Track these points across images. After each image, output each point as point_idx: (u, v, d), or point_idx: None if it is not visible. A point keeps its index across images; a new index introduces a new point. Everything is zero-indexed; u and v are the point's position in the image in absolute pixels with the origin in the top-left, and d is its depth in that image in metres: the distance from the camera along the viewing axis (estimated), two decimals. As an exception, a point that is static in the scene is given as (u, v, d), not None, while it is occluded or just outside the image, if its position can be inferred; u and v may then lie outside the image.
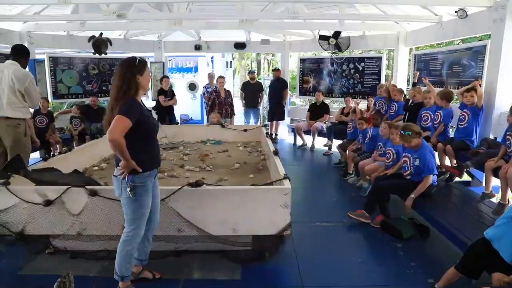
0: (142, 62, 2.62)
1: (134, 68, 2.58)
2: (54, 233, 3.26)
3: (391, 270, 3.27)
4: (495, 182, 4.03)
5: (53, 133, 6.98)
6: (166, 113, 8.15)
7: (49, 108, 7.29)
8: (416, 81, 6.64)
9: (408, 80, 7.76)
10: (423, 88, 5.96)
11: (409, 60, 7.85)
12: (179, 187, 3.16)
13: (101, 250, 3.36)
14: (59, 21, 7.33)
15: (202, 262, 3.33)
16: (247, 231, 3.23)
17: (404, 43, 7.65)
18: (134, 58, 2.61)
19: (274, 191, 3.23)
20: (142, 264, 3.01)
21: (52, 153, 6.54)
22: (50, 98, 7.99)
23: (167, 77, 8.34)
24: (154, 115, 9.53)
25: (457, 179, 4.66)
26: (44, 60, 7.83)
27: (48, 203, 3.13)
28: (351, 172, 6.07)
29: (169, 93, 8.12)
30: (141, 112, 2.57)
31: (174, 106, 8.41)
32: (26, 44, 7.40)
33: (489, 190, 4.02)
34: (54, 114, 7.78)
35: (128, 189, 2.58)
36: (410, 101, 5.88)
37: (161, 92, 8.01)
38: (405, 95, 6.34)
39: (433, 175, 3.93)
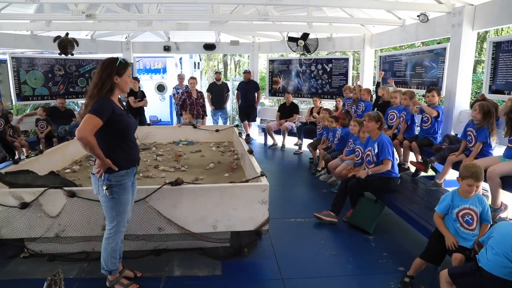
0: (123, 64, 2.64)
1: (113, 68, 2.61)
2: (31, 236, 3.21)
3: (364, 260, 3.45)
4: (451, 175, 4.36)
5: (18, 136, 6.74)
6: (136, 114, 8.04)
7: (2, 109, 6.81)
8: (380, 80, 6.97)
9: (374, 81, 8.10)
10: (390, 88, 6.27)
11: (375, 61, 8.19)
12: (159, 186, 3.20)
13: (79, 252, 3.34)
14: (22, 20, 7.07)
15: (182, 259, 3.37)
16: (227, 227, 3.32)
17: (369, 45, 7.99)
18: (116, 58, 2.64)
19: (252, 188, 3.34)
20: (119, 262, 3.01)
21: (17, 156, 6.31)
22: (14, 100, 7.70)
23: (136, 78, 8.25)
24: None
25: (422, 173, 4.94)
26: (6, 60, 7.52)
27: (24, 205, 3.08)
28: (320, 169, 6.27)
29: (139, 94, 8.03)
30: (112, 111, 2.56)
31: (144, 108, 8.33)
32: (-14, 44, 7.13)
33: (441, 180, 4.38)
34: (19, 117, 7.52)
35: (104, 188, 2.61)
36: (379, 99, 6.16)
37: (131, 93, 7.91)
38: (371, 95, 6.62)
39: (391, 161, 4.19)
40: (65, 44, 7.54)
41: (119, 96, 2.80)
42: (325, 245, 3.76)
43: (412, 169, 5.09)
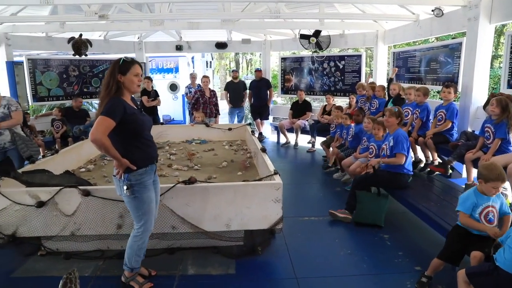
0: (126, 63, 2.62)
1: (115, 67, 2.60)
2: (47, 235, 3.25)
3: (380, 259, 3.40)
4: (475, 173, 4.24)
5: (35, 136, 6.85)
6: (149, 114, 8.09)
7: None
8: (393, 77, 6.86)
9: (387, 76, 7.99)
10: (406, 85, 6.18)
11: (388, 57, 8.09)
12: (173, 184, 3.21)
13: (95, 250, 3.37)
14: (37, 22, 7.19)
15: (196, 258, 3.37)
16: (240, 226, 3.31)
17: (382, 41, 7.88)
18: (120, 58, 2.64)
19: (266, 186, 3.32)
20: None
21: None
22: (30, 101, 7.84)
23: (149, 78, 8.30)
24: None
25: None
26: (22, 62, 7.66)
27: (40, 204, 3.12)
28: (330, 165, 6.22)
29: (152, 94, 8.09)
30: (124, 111, 2.56)
31: (158, 107, 8.39)
32: (3, 46, 7.27)
33: (471, 180, 4.22)
34: (34, 116, 7.65)
35: (125, 188, 2.61)
36: (391, 96, 6.07)
37: (144, 92, 7.98)
38: (385, 92, 6.53)
39: (405, 156, 4.11)
40: (79, 45, 7.64)
41: (133, 95, 2.81)
42: (340, 244, 3.72)
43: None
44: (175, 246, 3.44)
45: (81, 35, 7.61)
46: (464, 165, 4.46)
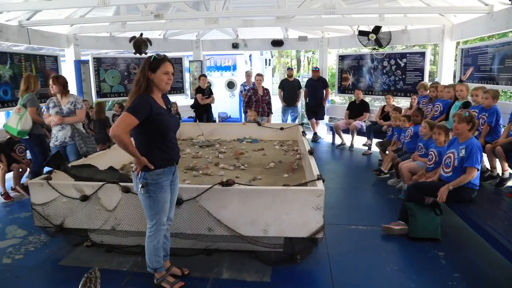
0: (157, 60, 2.58)
1: (147, 65, 2.58)
2: (90, 227, 3.36)
3: (431, 280, 3.05)
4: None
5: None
6: (203, 111, 8.26)
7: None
8: (465, 78, 6.23)
9: (454, 77, 7.33)
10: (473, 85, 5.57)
11: (456, 55, 7.40)
12: (210, 186, 3.14)
13: (135, 245, 3.43)
14: (102, 23, 7.59)
15: (232, 262, 3.29)
16: (278, 232, 3.16)
17: (449, 37, 7.21)
18: (151, 55, 2.61)
19: (306, 192, 3.13)
20: (164, 260, 2.99)
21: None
22: (94, 97, 8.33)
23: (205, 76, 8.42)
24: (192, 113, 9.72)
25: (509, 183, 4.30)
26: (88, 61, 8.16)
27: (84, 198, 3.23)
28: (386, 171, 5.83)
29: (206, 92, 8.20)
30: (150, 110, 2.53)
31: (212, 104, 8.49)
32: (72, 46, 7.78)
33: None
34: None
35: (140, 186, 2.60)
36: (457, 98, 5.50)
37: (198, 90, 8.11)
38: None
39: (477, 170, 3.64)
40: (139, 44, 7.94)
41: (166, 94, 2.79)
42: (387, 258, 3.41)
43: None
44: (212, 248, 3.39)
45: (141, 34, 7.91)
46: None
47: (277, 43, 9.79)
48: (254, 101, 7.74)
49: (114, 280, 3.04)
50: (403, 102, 10.80)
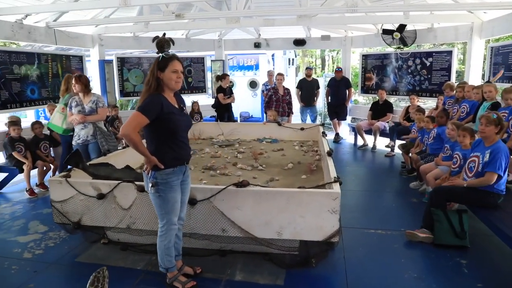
0: (165, 59, 2.58)
1: (156, 64, 2.59)
2: (106, 225, 3.41)
3: (452, 289, 2.93)
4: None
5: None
6: (225, 111, 8.28)
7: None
8: (493, 80, 5.94)
9: (483, 75, 7.02)
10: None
11: (485, 53, 7.09)
12: (224, 186, 3.12)
13: (151, 244, 3.44)
14: (126, 23, 7.71)
15: (246, 264, 3.26)
16: (292, 235, 3.10)
17: (478, 35, 6.90)
18: (160, 55, 2.61)
19: (322, 195, 3.05)
20: (176, 260, 2.99)
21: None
22: (117, 96, 8.49)
23: (227, 75, 8.43)
24: (214, 113, 9.76)
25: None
26: (112, 60, 8.33)
27: (101, 196, 3.27)
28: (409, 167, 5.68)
29: (227, 91, 8.21)
30: (161, 109, 2.52)
31: (233, 104, 8.49)
32: (96, 46, 7.95)
33: None
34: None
35: (150, 185, 2.60)
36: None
37: (220, 90, 8.13)
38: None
39: (498, 176, 3.45)
40: (162, 43, 8.00)
41: (180, 93, 2.78)
42: (406, 265, 3.29)
43: None
44: (227, 249, 3.36)
45: (164, 34, 7.97)
46: None
47: (299, 42, 9.69)
48: (275, 100, 7.68)
49: (128, 278, 3.07)
50: (429, 103, 10.49)
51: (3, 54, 5.82)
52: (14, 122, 5.50)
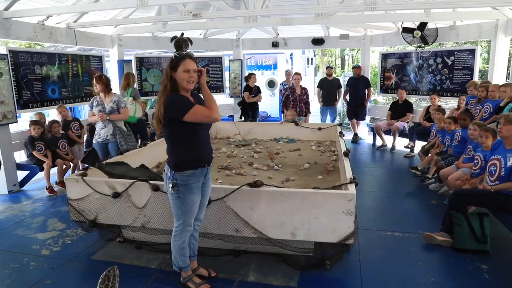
0: (177, 58, 2.56)
1: (169, 64, 2.58)
2: (121, 224, 3.44)
3: (471, 295, 2.83)
4: None
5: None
6: (249, 109, 8.33)
7: None
8: None
9: (508, 75, 6.78)
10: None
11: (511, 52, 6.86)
12: (238, 186, 3.10)
13: (165, 243, 3.45)
14: (144, 23, 7.79)
15: (259, 264, 3.24)
16: (306, 237, 3.05)
17: (504, 32, 6.64)
18: (173, 54, 2.60)
19: (337, 196, 3.00)
20: (191, 260, 2.98)
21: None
22: (135, 96, 8.59)
23: (254, 75, 8.43)
24: (231, 112, 9.78)
25: None
26: (131, 60, 8.43)
27: (116, 195, 3.31)
28: (430, 176, 5.52)
29: (254, 90, 8.23)
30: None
31: (258, 103, 8.50)
32: (116, 46, 8.06)
33: None
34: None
35: (170, 186, 2.59)
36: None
37: (246, 88, 8.17)
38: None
39: None
40: (180, 43, 8.05)
41: (198, 93, 2.77)
42: (423, 269, 3.20)
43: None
44: (240, 249, 3.35)
45: (182, 33, 8.02)
46: None
47: (317, 41, 9.57)
48: (292, 100, 7.63)
49: (142, 277, 3.09)
50: (451, 103, 10.22)
51: (25, 55, 5.96)
52: (35, 122, 5.63)
